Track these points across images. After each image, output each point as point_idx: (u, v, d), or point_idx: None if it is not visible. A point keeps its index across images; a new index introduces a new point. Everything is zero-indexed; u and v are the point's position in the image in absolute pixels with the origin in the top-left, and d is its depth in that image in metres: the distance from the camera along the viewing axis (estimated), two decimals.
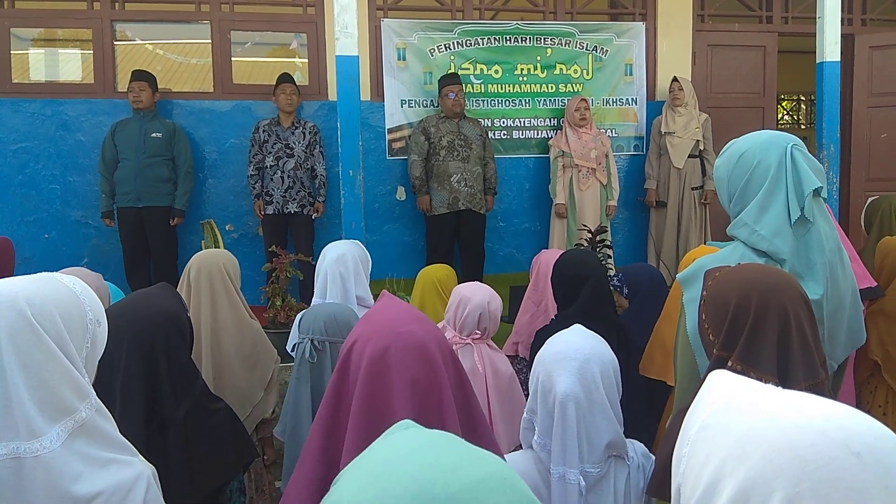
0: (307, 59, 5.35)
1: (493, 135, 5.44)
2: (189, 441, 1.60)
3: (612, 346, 1.47)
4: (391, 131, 5.34)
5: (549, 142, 5.41)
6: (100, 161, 4.71)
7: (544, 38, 5.57)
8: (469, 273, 4.81)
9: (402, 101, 5.34)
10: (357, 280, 2.54)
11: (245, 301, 2.35)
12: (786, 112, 10.93)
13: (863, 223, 3.37)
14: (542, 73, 5.58)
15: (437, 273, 3.04)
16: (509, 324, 3.08)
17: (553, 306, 2.59)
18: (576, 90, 5.61)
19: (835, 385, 1.64)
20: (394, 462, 0.53)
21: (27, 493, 0.90)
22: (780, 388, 0.59)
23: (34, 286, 0.99)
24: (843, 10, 4.58)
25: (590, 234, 4.18)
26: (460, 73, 5.29)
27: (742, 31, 5.91)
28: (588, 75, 5.66)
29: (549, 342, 1.45)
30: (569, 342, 1.41)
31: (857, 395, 2.66)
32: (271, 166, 4.79)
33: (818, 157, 4.40)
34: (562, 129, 5.35)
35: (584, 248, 3.72)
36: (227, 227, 5.09)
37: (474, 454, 0.55)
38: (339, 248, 2.57)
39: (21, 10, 5.09)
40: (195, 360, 1.78)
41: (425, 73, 5.36)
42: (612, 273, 3.63)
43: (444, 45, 5.40)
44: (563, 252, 2.63)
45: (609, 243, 4.48)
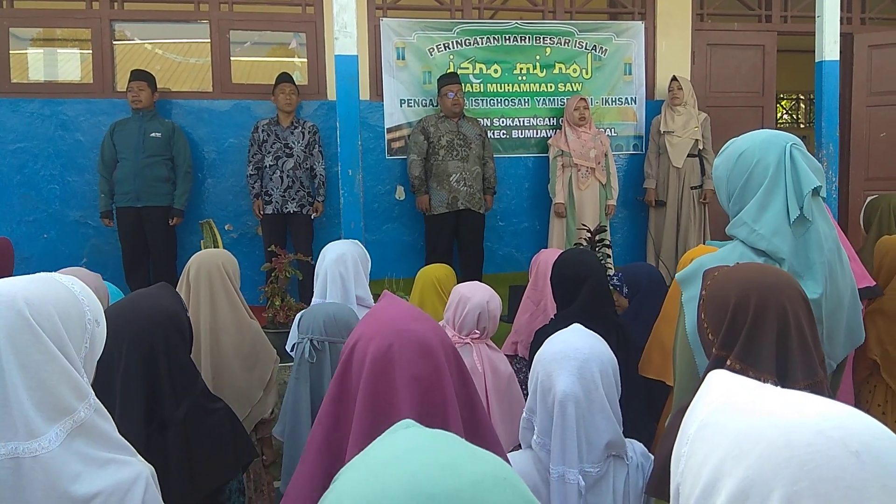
0: (306, 59, 5.35)
1: (493, 134, 5.44)
2: (189, 441, 1.60)
3: (611, 346, 1.47)
4: (390, 131, 5.34)
5: (549, 141, 5.41)
6: (99, 161, 4.70)
7: (543, 38, 5.57)
8: (468, 272, 4.81)
9: (401, 100, 5.34)
10: (357, 280, 2.54)
11: (244, 301, 2.35)
12: (785, 111, 10.94)
13: (862, 222, 3.37)
14: (542, 72, 5.58)
15: (437, 273, 3.04)
16: (508, 323, 3.08)
17: (552, 306, 2.59)
18: (575, 89, 5.61)
19: (833, 384, 1.64)
20: (393, 460, 0.53)
21: (26, 493, 0.90)
22: (778, 388, 0.59)
23: (33, 286, 0.99)
24: (842, 9, 4.58)
25: (589, 234, 4.19)
26: (459, 72, 5.29)
27: (741, 30, 5.91)
28: (587, 74, 5.66)
29: (548, 342, 1.45)
30: (568, 342, 1.42)
31: (856, 395, 2.66)
32: (270, 166, 4.79)
33: (817, 156, 4.40)
34: (561, 129, 5.35)
35: (584, 248, 3.72)
36: (226, 227, 5.09)
37: (474, 453, 0.55)
38: (338, 248, 2.57)
39: (20, 10, 5.09)
40: (194, 359, 1.78)
41: (424, 73, 5.36)
42: (611, 272, 3.63)
43: (444, 44, 5.40)
44: (562, 251, 2.63)
45: (608, 243, 4.48)
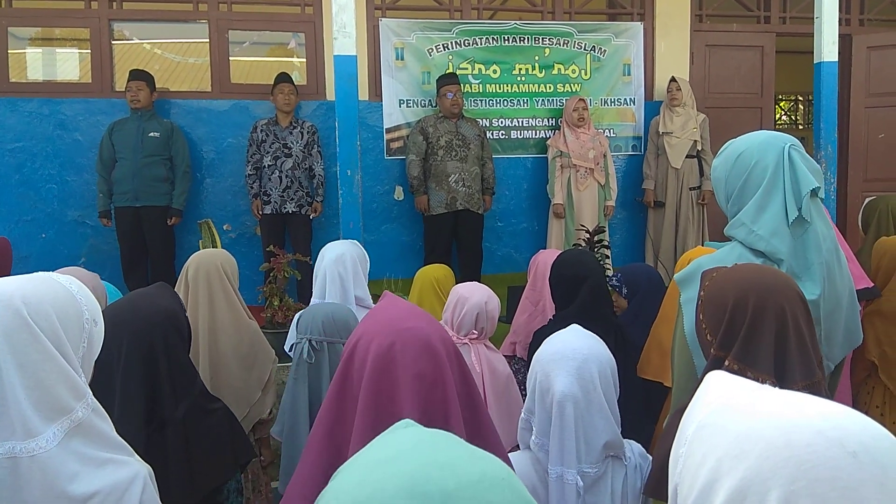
0: (305, 59, 5.35)
1: (492, 135, 5.44)
2: (188, 441, 1.60)
3: (609, 347, 1.47)
4: (389, 131, 5.34)
5: (548, 142, 5.41)
6: (97, 160, 4.70)
7: (542, 38, 5.57)
8: (467, 273, 4.81)
9: (400, 100, 5.34)
10: (356, 280, 2.53)
11: (243, 301, 2.35)
12: (784, 112, 10.95)
13: (860, 224, 3.37)
14: (541, 72, 5.58)
15: (435, 273, 3.04)
16: (507, 324, 3.08)
17: (550, 306, 2.59)
18: (574, 90, 5.62)
19: (831, 385, 1.65)
20: (391, 459, 0.53)
21: (23, 493, 0.90)
22: (776, 388, 0.59)
23: (30, 285, 0.99)
24: (840, 11, 4.59)
25: (588, 234, 4.19)
26: (458, 72, 5.29)
27: (740, 31, 5.92)
28: (586, 75, 5.66)
29: (546, 342, 1.45)
30: (566, 342, 1.42)
31: (855, 396, 2.67)
32: (269, 166, 4.79)
33: (816, 157, 4.41)
34: (560, 129, 5.36)
35: (582, 249, 3.72)
36: (224, 227, 5.09)
37: (472, 453, 0.55)
38: (337, 249, 2.56)
39: (18, 10, 5.08)
40: (192, 359, 1.78)
41: (423, 73, 5.36)
42: (610, 273, 3.63)
43: (443, 44, 5.40)
44: (561, 252, 2.63)
45: (607, 243, 4.48)
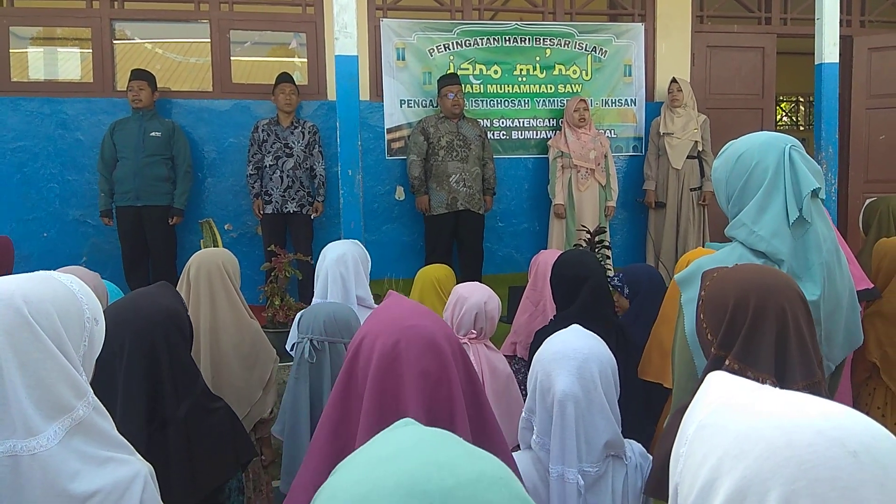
0: (306, 59, 5.35)
1: (492, 135, 5.44)
2: (189, 440, 1.60)
3: (610, 347, 1.47)
4: (390, 131, 5.34)
5: (548, 142, 5.41)
6: (99, 160, 4.70)
7: (543, 39, 5.57)
8: (468, 273, 4.81)
9: (401, 101, 5.34)
10: (357, 280, 2.53)
11: (244, 300, 2.35)
12: (784, 113, 10.94)
13: (861, 225, 3.37)
14: (542, 73, 5.58)
15: (436, 273, 3.04)
16: (508, 324, 3.08)
17: (551, 306, 2.59)
18: (575, 91, 5.62)
19: (832, 386, 1.65)
20: (389, 458, 0.53)
21: (24, 491, 0.90)
22: (777, 389, 0.59)
23: (31, 284, 0.99)
24: (841, 12, 4.59)
25: (588, 235, 4.19)
26: (459, 73, 5.29)
27: (741, 32, 5.92)
28: (587, 76, 5.66)
29: (547, 342, 1.45)
30: (567, 342, 1.42)
31: (856, 397, 2.67)
32: (270, 166, 4.79)
33: (817, 158, 4.41)
34: (561, 130, 5.36)
35: (583, 249, 3.72)
36: (225, 227, 5.09)
37: (470, 452, 0.55)
38: (339, 248, 2.56)
39: (20, 9, 5.09)
40: (193, 358, 1.78)
41: (424, 74, 5.37)
42: (612, 273, 3.63)
43: (444, 45, 5.40)
44: (561, 252, 2.63)
45: (608, 244, 4.48)
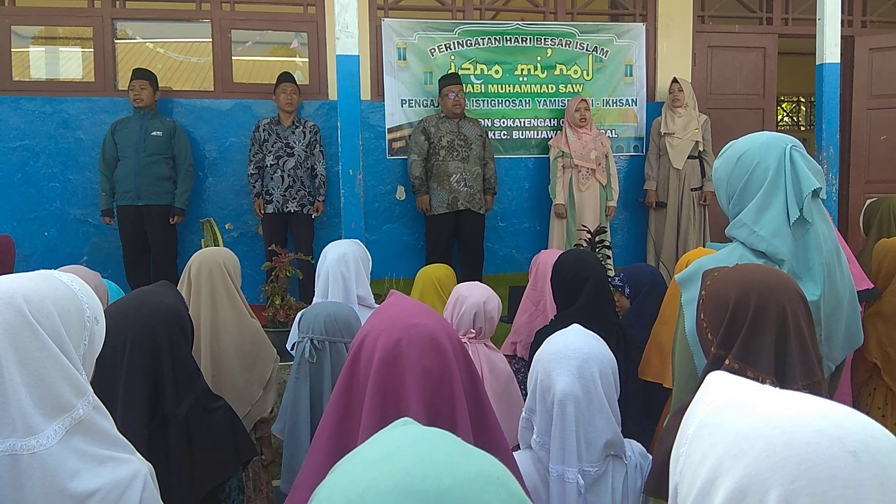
0: (308, 59, 5.35)
1: (493, 135, 5.44)
2: (190, 439, 1.60)
3: (611, 347, 1.47)
4: (391, 131, 5.34)
5: (549, 142, 5.41)
6: (100, 159, 4.71)
7: (545, 39, 5.57)
8: (468, 273, 4.81)
9: (402, 100, 5.35)
10: (358, 280, 2.54)
11: (245, 300, 2.35)
12: (785, 114, 10.94)
13: (861, 225, 3.37)
14: (543, 73, 5.58)
15: (437, 273, 3.04)
16: (508, 323, 3.08)
17: (551, 306, 2.59)
18: (576, 91, 5.62)
19: (832, 386, 1.65)
20: (386, 456, 0.53)
21: (24, 490, 0.90)
22: (777, 388, 0.59)
23: (32, 283, 0.99)
24: (843, 12, 4.59)
25: (589, 235, 4.19)
26: (460, 73, 5.29)
27: (742, 32, 5.92)
28: (588, 76, 5.66)
29: (547, 341, 1.46)
30: (568, 342, 1.42)
31: (856, 397, 2.66)
32: (271, 165, 4.80)
33: (817, 158, 4.41)
34: (562, 130, 5.36)
35: (584, 249, 3.72)
36: (226, 226, 5.10)
37: (467, 452, 0.55)
38: (339, 248, 2.57)
39: (22, 8, 5.09)
40: (194, 357, 1.78)
41: (425, 73, 5.37)
42: (613, 273, 3.63)
43: (445, 44, 5.40)
44: (562, 252, 2.63)
45: (608, 244, 4.48)
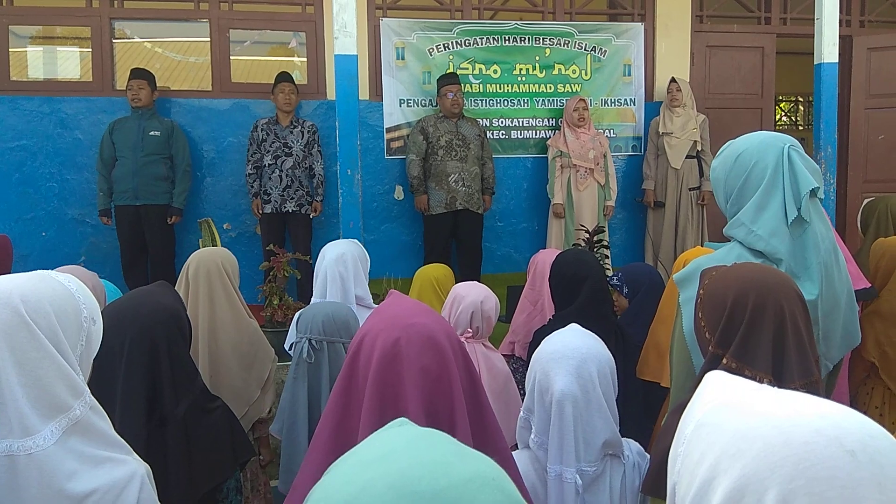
0: (306, 58, 5.35)
1: (492, 135, 5.44)
2: (188, 439, 1.60)
3: (609, 347, 1.47)
4: (389, 131, 5.34)
5: (548, 142, 5.41)
6: (98, 159, 4.70)
7: (543, 39, 5.57)
8: (466, 273, 4.81)
9: (400, 100, 5.34)
10: (356, 280, 2.53)
11: (243, 300, 2.35)
12: (784, 113, 10.95)
13: (859, 224, 3.37)
14: (541, 73, 5.58)
15: (435, 272, 3.04)
16: (506, 323, 3.08)
17: (549, 306, 2.59)
18: (574, 90, 5.62)
19: (829, 386, 1.65)
20: (382, 457, 0.53)
21: (21, 491, 0.90)
22: (775, 388, 0.59)
23: (29, 284, 0.99)
24: (841, 12, 4.59)
25: (587, 235, 4.19)
26: (459, 72, 5.29)
27: (740, 32, 5.92)
28: (587, 75, 5.66)
29: (545, 341, 1.45)
30: (566, 341, 1.42)
31: (854, 396, 2.67)
32: (269, 165, 4.79)
33: (815, 158, 4.41)
34: (560, 130, 5.36)
35: (582, 248, 3.72)
36: (224, 226, 5.09)
37: (463, 452, 0.54)
38: (338, 248, 2.56)
39: (20, 8, 5.08)
40: (192, 357, 1.78)
41: (424, 73, 5.37)
42: (610, 273, 3.63)
43: (443, 44, 5.40)
44: (560, 252, 2.63)
45: (606, 243, 4.48)
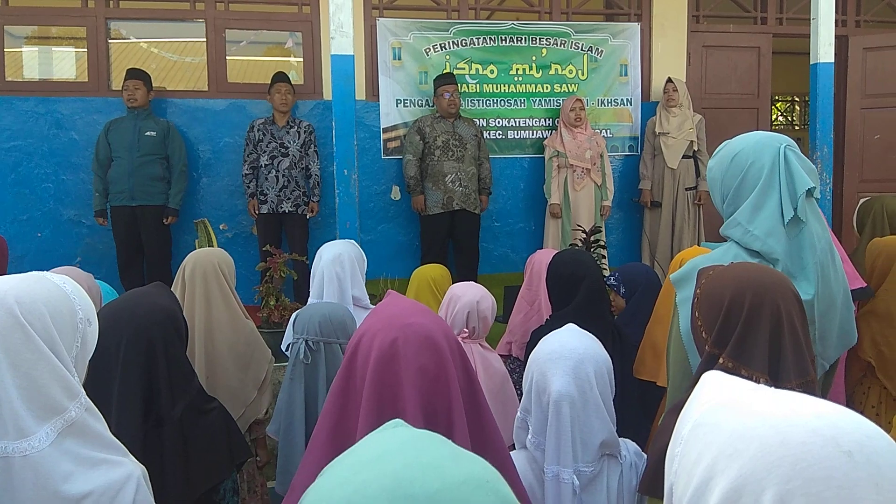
0: (302, 58, 5.34)
1: (489, 135, 5.44)
2: (185, 440, 1.60)
3: (606, 347, 1.47)
4: (386, 131, 5.34)
5: (544, 142, 5.41)
6: (93, 159, 4.69)
7: (540, 39, 5.57)
8: (464, 273, 4.81)
9: (397, 100, 5.34)
10: (353, 280, 2.53)
11: (240, 300, 2.35)
12: (780, 113, 10.97)
13: (855, 224, 3.38)
14: (538, 73, 5.58)
15: (432, 273, 3.04)
16: (503, 323, 3.08)
17: (546, 306, 2.59)
18: (571, 90, 5.62)
19: (825, 386, 1.65)
20: (375, 459, 0.53)
21: (16, 493, 0.90)
22: (772, 388, 0.59)
23: (24, 285, 0.98)
24: (837, 12, 4.61)
25: (584, 235, 4.19)
26: (455, 72, 5.29)
27: (736, 31, 5.93)
28: (583, 75, 5.66)
29: (543, 341, 1.45)
30: (563, 342, 1.42)
31: (851, 396, 2.67)
32: (266, 165, 4.78)
33: (812, 158, 4.42)
34: (557, 130, 5.36)
35: (579, 248, 3.72)
36: (220, 227, 5.08)
37: (457, 454, 0.54)
38: (335, 249, 2.56)
39: (15, 8, 5.07)
40: (188, 358, 1.78)
41: (420, 73, 5.36)
42: (607, 273, 3.63)
43: (440, 44, 5.40)
44: (557, 252, 2.63)
45: (603, 243, 4.48)
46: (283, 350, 2.44)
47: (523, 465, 1.40)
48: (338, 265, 2.50)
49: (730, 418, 0.56)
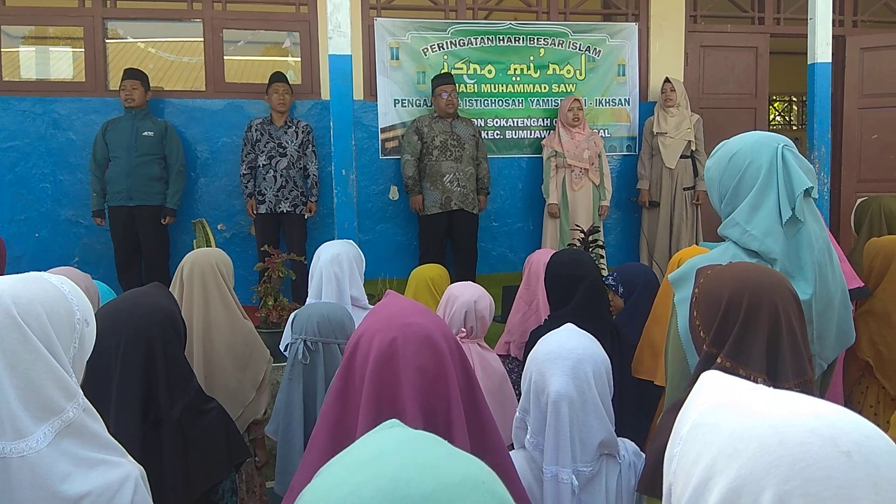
0: (300, 58, 5.34)
1: (486, 135, 5.44)
2: (184, 440, 1.60)
3: (605, 347, 1.47)
4: (384, 131, 5.34)
5: (542, 142, 5.41)
6: (91, 160, 4.68)
7: (537, 39, 5.57)
8: (462, 273, 4.81)
9: (395, 100, 5.34)
10: (352, 280, 2.53)
11: (238, 300, 2.34)
12: (777, 113, 10.99)
13: (852, 224, 3.39)
14: (536, 73, 5.59)
15: (430, 273, 3.04)
16: (502, 323, 3.08)
17: (545, 306, 2.59)
18: (569, 90, 5.62)
19: (823, 385, 1.65)
20: (371, 460, 0.53)
21: (14, 494, 0.89)
22: (770, 388, 0.59)
23: (21, 285, 0.98)
24: (834, 12, 4.61)
25: (582, 234, 4.19)
26: (453, 72, 5.29)
27: (734, 31, 5.94)
28: (581, 75, 5.67)
29: (541, 342, 1.45)
30: (561, 342, 1.42)
31: (849, 396, 2.68)
32: (264, 165, 4.78)
33: (809, 158, 4.43)
34: (555, 130, 5.36)
35: (578, 248, 3.72)
36: (219, 227, 5.08)
37: (453, 455, 0.54)
38: (333, 249, 2.56)
39: (12, 8, 5.06)
40: (187, 359, 1.78)
41: (418, 73, 5.36)
42: (605, 273, 3.63)
43: (438, 44, 5.40)
44: (556, 252, 2.63)
45: (601, 243, 4.49)
46: (282, 350, 2.44)
47: (522, 465, 1.40)
48: (336, 265, 2.50)
49: (728, 418, 0.56)
